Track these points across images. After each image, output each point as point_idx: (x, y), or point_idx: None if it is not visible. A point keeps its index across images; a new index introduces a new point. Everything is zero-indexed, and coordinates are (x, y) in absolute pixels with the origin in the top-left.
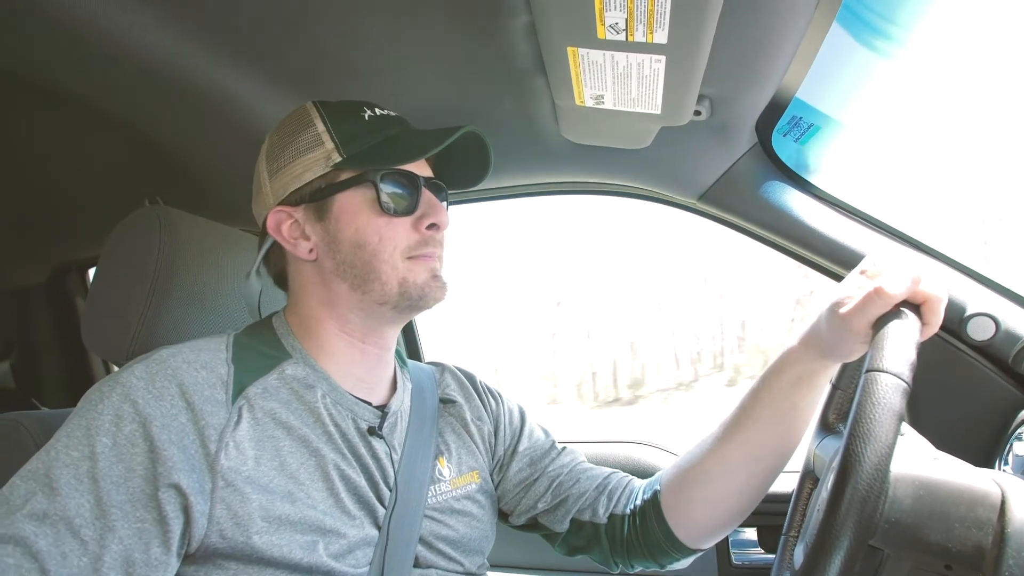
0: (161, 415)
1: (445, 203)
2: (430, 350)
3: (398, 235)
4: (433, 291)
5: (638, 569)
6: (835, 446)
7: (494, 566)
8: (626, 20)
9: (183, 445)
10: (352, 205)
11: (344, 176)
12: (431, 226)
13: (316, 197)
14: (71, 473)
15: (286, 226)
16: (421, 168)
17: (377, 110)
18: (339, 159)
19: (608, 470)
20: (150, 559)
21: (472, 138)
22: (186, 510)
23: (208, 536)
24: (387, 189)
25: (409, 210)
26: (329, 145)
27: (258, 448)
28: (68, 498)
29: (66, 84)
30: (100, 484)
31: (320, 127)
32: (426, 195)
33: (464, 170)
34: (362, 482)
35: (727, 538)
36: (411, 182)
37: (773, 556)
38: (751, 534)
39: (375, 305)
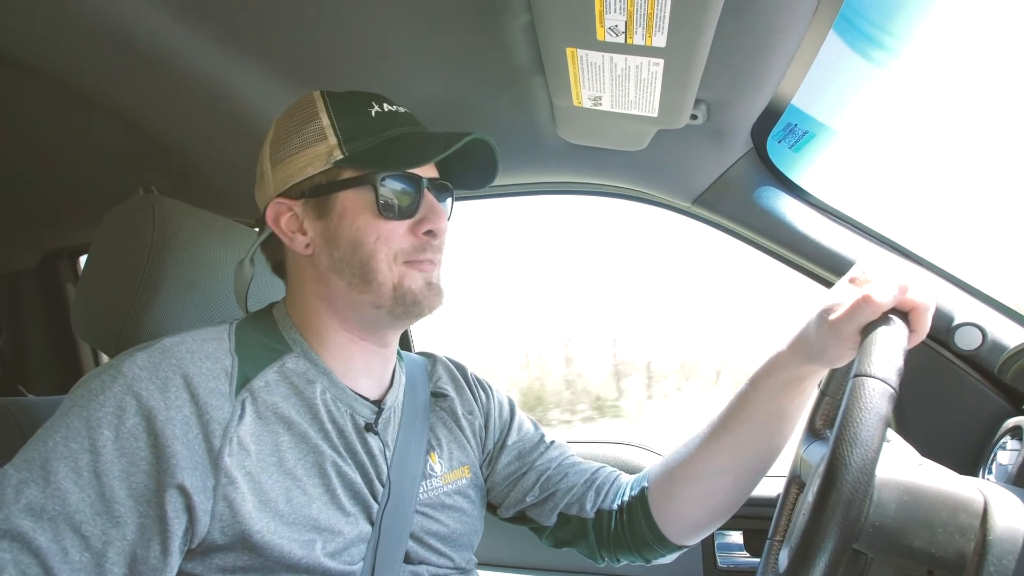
0: (165, 408)
1: (451, 203)
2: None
3: (394, 237)
4: (428, 299)
5: (623, 563)
6: (822, 452)
7: (483, 564)
8: (626, 23)
9: (187, 440)
10: (354, 205)
11: (346, 175)
12: (428, 232)
13: (316, 193)
14: (69, 466)
15: (284, 219)
16: (425, 169)
17: (386, 105)
18: (340, 157)
19: (596, 464)
20: (150, 556)
21: (479, 141)
22: (189, 509)
23: (210, 532)
24: (388, 190)
25: (409, 213)
26: (332, 141)
27: (259, 444)
28: (67, 493)
29: (63, 70)
30: (102, 479)
31: (325, 121)
32: (428, 199)
33: (469, 172)
34: (357, 478)
35: (713, 541)
36: (413, 184)
37: (758, 560)
38: (737, 537)
39: (371, 308)
